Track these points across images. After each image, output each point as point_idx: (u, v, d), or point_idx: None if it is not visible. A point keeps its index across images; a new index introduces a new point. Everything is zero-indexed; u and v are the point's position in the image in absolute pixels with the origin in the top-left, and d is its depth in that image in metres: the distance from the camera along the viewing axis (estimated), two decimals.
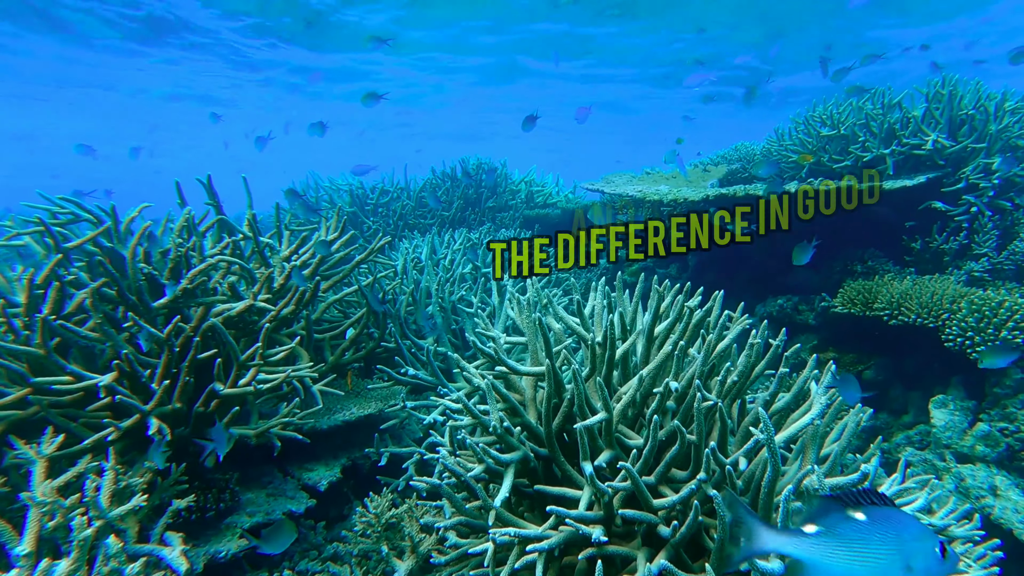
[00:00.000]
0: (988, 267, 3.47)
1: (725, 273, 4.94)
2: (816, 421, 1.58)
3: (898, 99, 4.04)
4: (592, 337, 1.73)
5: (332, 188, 5.81)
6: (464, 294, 3.08)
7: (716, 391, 1.62)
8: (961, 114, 3.74)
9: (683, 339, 1.85)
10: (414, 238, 4.20)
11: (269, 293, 2.16)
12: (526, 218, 5.69)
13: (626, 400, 1.68)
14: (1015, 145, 3.65)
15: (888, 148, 3.90)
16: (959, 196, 3.64)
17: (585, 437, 1.54)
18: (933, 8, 8.95)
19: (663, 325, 1.97)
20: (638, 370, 1.94)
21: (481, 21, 9.60)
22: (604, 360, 1.76)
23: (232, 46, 10.71)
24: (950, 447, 2.74)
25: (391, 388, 2.69)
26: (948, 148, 3.69)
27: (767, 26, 9.73)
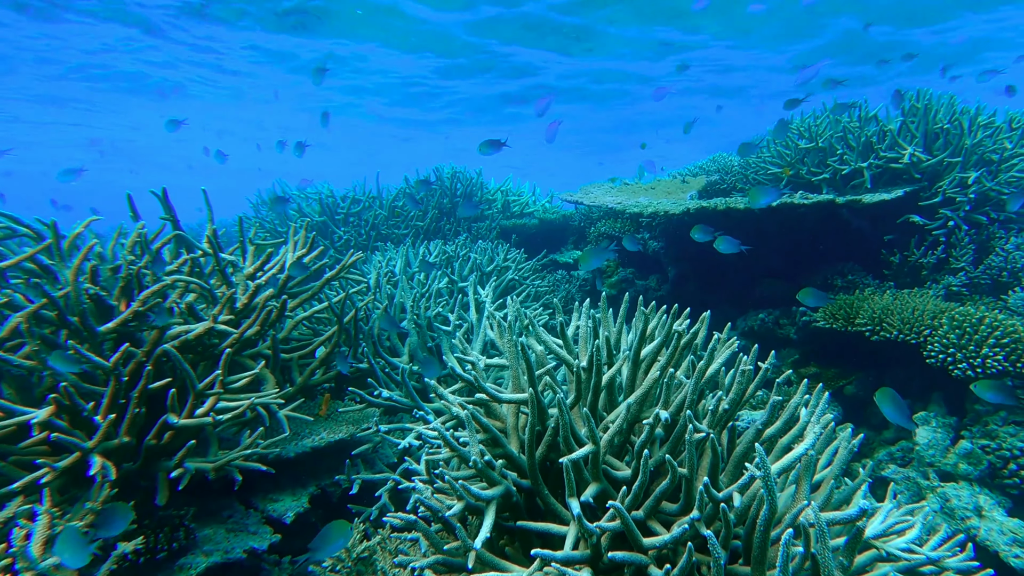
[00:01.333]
0: (966, 281, 3.49)
1: (705, 285, 4.93)
2: (810, 451, 1.52)
3: (874, 112, 4.07)
4: (577, 363, 1.65)
5: (301, 196, 5.65)
6: (441, 310, 2.98)
7: (708, 421, 1.55)
8: (936, 128, 3.78)
9: (671, 363, 1.78)
10: (387, 250, 4.08)
11: (231, 314, 2.03)
12: (503, 228, 5.61)
13: (613, 430, 1.59)
14: (989, 159, 3.69)
15: (866, 161, 3.92)
16: (936, 210, 3.67)
17: (572, 472, 1.46)
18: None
19: (650, 348, 1.89)
20: (623, 393, 1.86)
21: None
22: (590, 387, 1.68)
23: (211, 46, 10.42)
24: (933, 465, 2.72)
25: (363, 411, 2.57)
26: (925, 162, 3.72)
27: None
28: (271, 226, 5.08)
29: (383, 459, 2.67)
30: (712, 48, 10.66)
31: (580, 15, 8.94)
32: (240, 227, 2.39)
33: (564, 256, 6.00)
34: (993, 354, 2.64)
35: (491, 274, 3.58)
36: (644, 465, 1.39)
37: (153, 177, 32.47)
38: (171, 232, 2.12)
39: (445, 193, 5.50)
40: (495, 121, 16.86)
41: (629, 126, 17.70)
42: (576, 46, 10.39)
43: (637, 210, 3.86)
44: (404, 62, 11.39)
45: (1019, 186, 3.60)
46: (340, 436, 2.41)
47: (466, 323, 3.05)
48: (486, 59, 11.18)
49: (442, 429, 1.56)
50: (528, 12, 8.75)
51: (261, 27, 9.34)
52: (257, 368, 1.90)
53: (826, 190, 4.22)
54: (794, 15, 8.92)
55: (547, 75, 12.38)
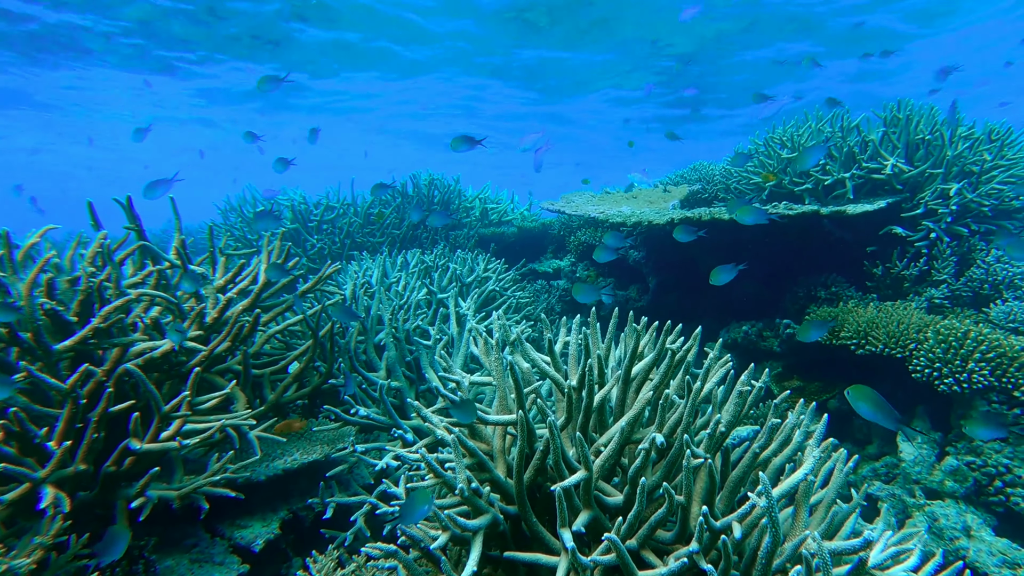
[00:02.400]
0: (948, 293, 3.53)
1: (687, 295, 4.93)
2: (809, 476, 1.49)
3: (856, 122, 4.11)
4: (568, 383, 1.59)
5: (271, 203, 5.52)
6: (420, 324, 2.91)
7: (704, 445, 1.51)
8: (918, 139, 3.83)
9: (664, 383, 1.74)
10: (363, 259, 4.00)
11: (200, 330, 1.93)
12: (481, 236, 5.55)
13: (607, 455, 1.54)
14: (969, 171, 3.75)
15: (848, 172, 3.96)
16: (917, 221, 3.71)
17: (564, 501, 1.40)
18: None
19: (641, 365, 1.85)
20: (612, 413, 1.81)
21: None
22: (581, 408, 1.63)
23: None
24: (919, 482, 2.72)
25: (339, 430, 2.48)
26: (907, 173, 3.76)
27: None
28: (240, 233, 4.94)
29: (359, 480, 2.58)
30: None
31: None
32: (210, 237, 2.30)
33: (544, 265, 5.96)
34: (979, 369, 2.66)
35: (471, 285, 3.52)
36: (641, 495, 1.34)
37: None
38: (136, 242, 2.02)
39: (422, 200, 5.43)
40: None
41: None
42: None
43: (620, 220, 3.84)
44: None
45: (999, 198, 3.66)
46: (314, 457, 2.32)
47: (446, 335, 2.98)
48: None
49: (426, 454, 1.49)
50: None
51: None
52: (228, 388, 1.81)
53: (809, 200, 4.25)
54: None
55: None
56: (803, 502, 1.50)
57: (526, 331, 2.99)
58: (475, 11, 8.44)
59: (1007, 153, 3.78)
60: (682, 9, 7.38)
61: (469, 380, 2.07)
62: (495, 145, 19.24)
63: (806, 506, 1.50)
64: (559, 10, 8.35)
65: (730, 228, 4.02)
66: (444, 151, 20.44)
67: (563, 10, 8.35)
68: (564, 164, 24.62)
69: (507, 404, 1.79)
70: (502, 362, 1.79)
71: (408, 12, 8.58)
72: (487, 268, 3.80)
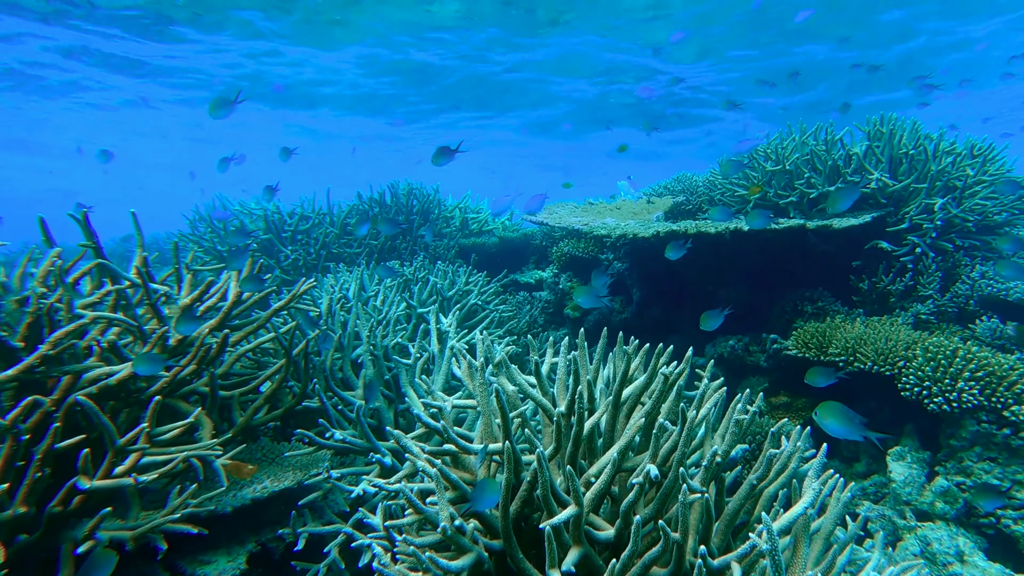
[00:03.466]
0: (933, 309, 3.53)
1: (671, 307, 4.89)
2: (809, 511, 1.43)
3: (839, 136, 4.13)
4: (557, 411, 1.52)
5: (243, 212, 5.38)
6: (400, 340, 2.82)
7: (700, 477, 1.44)
8: (901, 153, 3.85)
9: (656, 408, 1.67)
10: (340, 271, 3.89)
11: (163, 353, 1.82)
12: (461, 247, 5.47)
13: (597, 488, 1.47)
14: (952, 186, 3.77)
15: (833, 186, 3.96)
16: (902, 236, 3.72)
17: (553, 540, 1.32)
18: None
19: (631, 389, 1.79)
20: (602, 437, 1.74)
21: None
22: (570, 437, 1.56)
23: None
24: (910, 504, 2.69)
25: (313, 454, 2.37)
26: (891, 187, 3.77)
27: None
28: (210, 244, 4.79)
29: (334, 507, 2.48)
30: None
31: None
32: (175, 253, 2.19)
33: (526, 276, 5.90)
34: (968, 388, 2.64)
35: (453, 300, 3.43)
36: (636, 534, 1.27)
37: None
38: (93, 260, 1.90)
39: (400, 210, 5.33)
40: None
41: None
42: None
43: (604, 232, 3.79)
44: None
45: (982, 213, 3.68)
46: (285, 484, 2.21)
47: (427, 352, 2.89)
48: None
49: (406, 490, 1.40)
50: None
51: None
52: (192, 416, 1.70)
53: (793, 213, 4.25)
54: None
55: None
56: (803, 536, 1.44)
57: (509, 348, 2.91)
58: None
59: (989, 168, 3.81)
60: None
61: (451, 404, 1.99)
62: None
63: (806, 540, 1.44)
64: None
65: (715, 241, 4.00)
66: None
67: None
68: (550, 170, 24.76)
69: (492, 431, 1.71)
70: (487, 387, 1.71)
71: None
72: (468, 281, 3.72)
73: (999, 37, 9.41)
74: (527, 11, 8.10)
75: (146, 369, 1.56)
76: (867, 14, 8.50)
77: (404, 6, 7.87)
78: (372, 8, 7.90)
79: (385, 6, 7.83)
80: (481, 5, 7.94)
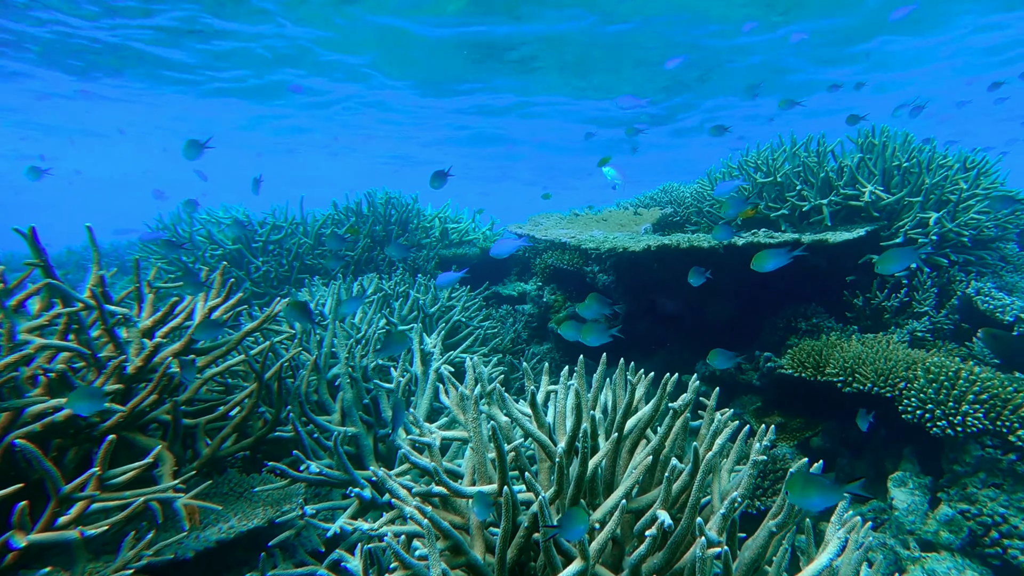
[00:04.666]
0: (929, 326, 3.50)
1: (658, 322, 4.82)
2: (835, 562, 1.33)
3: (831, 147, 4.10)
4: (559, 450, 1.40)
5: (211, 221, 5.18)
6: (381, 361, 2.68)
7: (716, 525, 1.34)
8: (894, 165, 3.82)
9: (663, 445, 1.57)
10: (315, 285, 3.73)
11: (120, 382, 1.67)
12: (442, 258, 5.34)
13: (603, 537, 1.36)
14: (946, 199, 3.76)
15: (825, 198, 3.93)
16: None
17: None
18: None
19: (634, 421, 1.68)
20: (602, 474, 1.63)
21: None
22: (572, 479, 1.44)
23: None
24: (913, 533, 2.63)
25: (286, 488, 2.22)
26: (885, 200, 3.74)
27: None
28: (174, 256, 4.57)
29: (307, 545, 2.32)
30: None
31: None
32: (136, 271, 2.03)
33: (508, 288, 5.78)
34: (973, 411, 2.59)
35: (435, 317, 3.31)
36: None
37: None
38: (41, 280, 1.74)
39: (378, 220, 5.18)
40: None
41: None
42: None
43: (593, 245, 3.70)
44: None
45: (976, 227, 3.67)
46: (255, 523, 2.06)
47: (409, 373, 2.76)
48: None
49: (392, 542, 1.27)
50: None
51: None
52: (151, 454, 1.55)
53: (784, 226, 4.21)
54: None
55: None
56: None
57: (497, 369, 2.79)
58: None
59: (983, 182, 3.81)
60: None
61: (441, 437, 1.86)
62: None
63: None
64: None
65: (703, 255, 3.93)
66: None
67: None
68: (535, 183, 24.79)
69: (486, 472, 1.59)
70: (479, 423, 1.59)
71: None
72: (451, 296, 3.60)
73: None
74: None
75: (84, 407, 1.40)
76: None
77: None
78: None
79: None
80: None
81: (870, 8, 7.74)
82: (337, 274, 3.88)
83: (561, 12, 7.61)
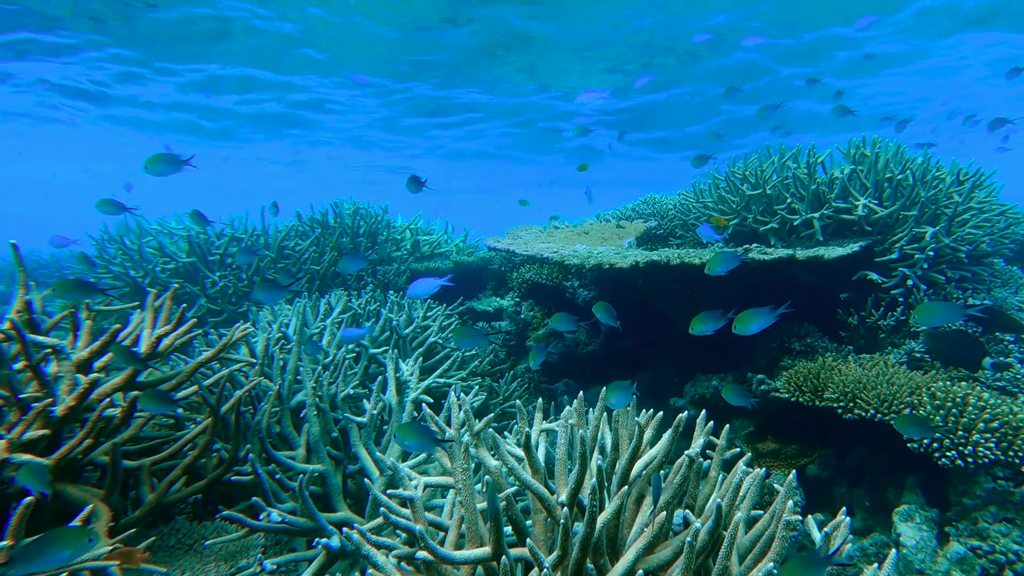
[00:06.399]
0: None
1: (642, 340, 4.71)
2: None
3: (821, 158, 4.05)
4: (562, 506, 1.25)
5: (162, 231, 4.91)
6: (351, 392, 2.50)
7: None
8: (887, 177, 3.78)
9: (676, 498, 1.43)
10: (278, 303, 3.52)
11: (47, 427, 1.47)
12: (413, 272, 5.16)
13: None
14: (941, 213, 3.72)
15: (817, 212, 3.87)
16: (891, 266, 3.63)
17: None
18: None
19: (641, 465, 1.54)
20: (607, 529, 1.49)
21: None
22: (578, 541, 1.29)
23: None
24: (923, 573, 2.53)
25: (242, 540, 2.02)
26: (879, 214, 3.70)
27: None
28: (120, 270, 4.27)
29: None
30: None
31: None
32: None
33: (483, 303, 5.63)
34: (984, 441, 2.51)
35: (410, 339, 3.13)
36: None
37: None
38: None
39: (345, 232, 4.98)
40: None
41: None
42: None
43: (577, 261, 3.57)
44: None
45: (973, 243, 3.64)
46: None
47: (382, 401, 2.58)
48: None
49: None
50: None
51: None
52: (79, 518, 1.35)
53: (774, 240, 4.14)
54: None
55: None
56: None
57: (478, 398, 2.63)
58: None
59: (978, 195, 3.79)
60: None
61: (423, 483, 1.69)
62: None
63: None
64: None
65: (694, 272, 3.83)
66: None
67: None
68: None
69: (477, 530, 1.42)
70: (469, 473, 1.43)
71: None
72: (426, 315, 3.43)
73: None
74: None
75: (36, 485, 1.21)
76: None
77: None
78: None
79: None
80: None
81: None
82: (302, 289, 3.68)
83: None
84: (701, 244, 4.72)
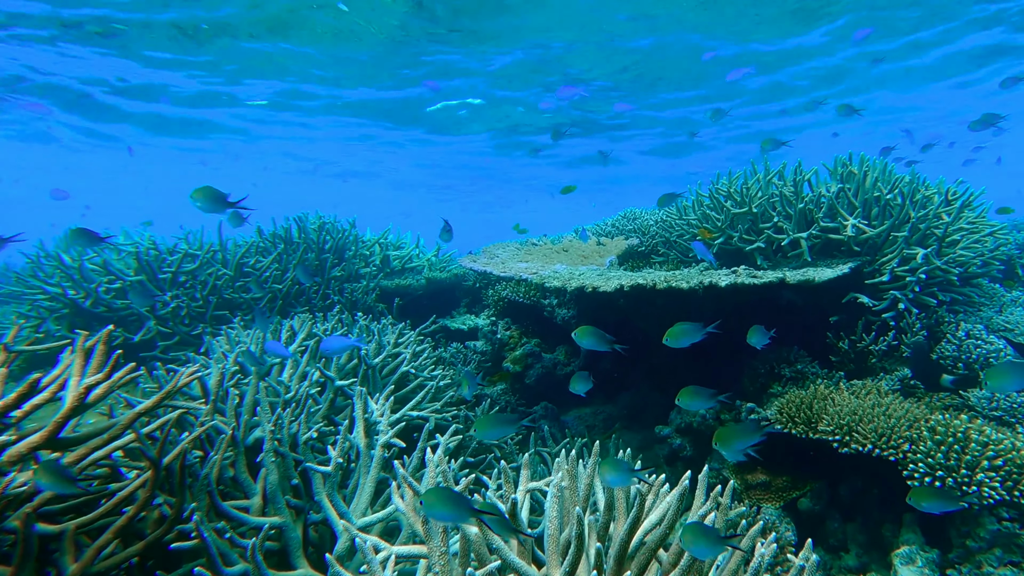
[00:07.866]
0: None
1: (623, 361, 4.59)
2: None
3: (808, 175, 3.97)
4: None
5: (107, 247, 4.61)
6: (314, 434, 2.30)
7: None
8: (874, 196, 3.72)
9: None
10: (234, 327, 3.29)
11: None
12: (383, 290, 4.96)
13: None
14: (931, 233, 3.67)
15: (804, 231, 3.78)
16: (880, 288, 3.56)
17: None
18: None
19: (640, 534, 1.39)
20: None
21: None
22: None
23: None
24: None
25: None
26: (868, 234, 3.62)
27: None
28: (58, 291, 3.90)
29: None
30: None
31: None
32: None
33: (456, 322, 5.45)
34: (989, 480, 2.42)
35: (379, 367, 2.93)
36: None
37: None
38: None
39: (311, 247, 4.76)
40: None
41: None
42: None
43: (558, 283, 3.41)
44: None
45: (963, 264, 3.59)
46: None
47: (348, 442, 2.38)
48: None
49: None
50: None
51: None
52: None
53: (760, 260, 4.05)
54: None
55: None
56: None
57: (454, 439, 2.45)
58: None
59: (967, 215, 3.75)
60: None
61: (396, 555, 1.51)
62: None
63: None
64: None
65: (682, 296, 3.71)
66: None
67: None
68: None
69: None
70: (449, 558, 1.26)
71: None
72: (398, 341, 3.24)
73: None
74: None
75: None
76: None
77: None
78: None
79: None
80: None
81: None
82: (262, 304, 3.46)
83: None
84: (684, 262, 4.62)
